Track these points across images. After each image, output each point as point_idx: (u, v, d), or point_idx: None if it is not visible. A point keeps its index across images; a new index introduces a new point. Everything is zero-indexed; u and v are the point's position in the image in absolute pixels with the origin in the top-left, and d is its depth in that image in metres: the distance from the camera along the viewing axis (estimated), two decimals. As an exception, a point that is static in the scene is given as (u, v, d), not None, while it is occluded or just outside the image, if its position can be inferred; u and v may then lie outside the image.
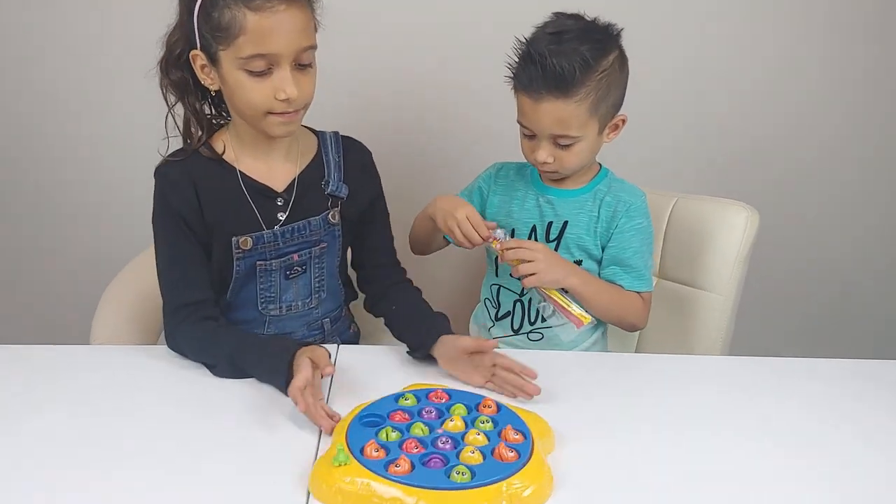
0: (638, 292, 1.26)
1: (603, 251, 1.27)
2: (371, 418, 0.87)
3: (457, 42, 1.71)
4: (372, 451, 0.79)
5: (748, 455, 0.89)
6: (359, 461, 0.78)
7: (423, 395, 0.93)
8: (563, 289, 1.19)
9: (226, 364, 1.04)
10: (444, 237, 1.33)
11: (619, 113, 1.22)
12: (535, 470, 0.79)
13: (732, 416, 1.00)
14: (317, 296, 1.23)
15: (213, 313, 1.12)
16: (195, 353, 1.08)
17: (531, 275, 1.15)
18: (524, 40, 1.17)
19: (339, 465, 0.76)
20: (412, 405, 0.91)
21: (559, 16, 1.18)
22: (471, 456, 0.79)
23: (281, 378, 0.96)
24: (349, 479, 0.76)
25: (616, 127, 1.23)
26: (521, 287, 1.30)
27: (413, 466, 0.77)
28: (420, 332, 1.11)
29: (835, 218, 1.93)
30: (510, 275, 1.21)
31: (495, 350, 1.05)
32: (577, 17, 1.18)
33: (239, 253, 1.14)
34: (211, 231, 1.13)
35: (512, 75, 1.19)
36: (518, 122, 1.21)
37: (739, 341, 1.37)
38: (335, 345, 1.18)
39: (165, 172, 1.12)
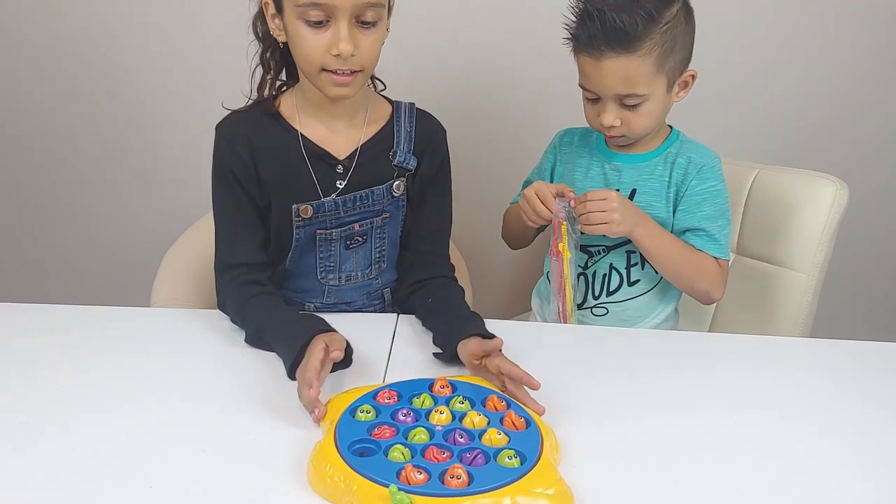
0: (714, 257, 1.18)
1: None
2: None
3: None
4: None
5: (818, 444, 0.83)
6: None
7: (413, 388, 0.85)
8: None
9: (254, 334, 1.02)
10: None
11: (689, 69, 1.15)
12: (544, 477, 0.70)
13: (808, 402, 0.93)
14: (377, 266, 1.20)
15: (259, 278, 1.11)
16: (234, 317, 1.08)
17: (602, 224, 1.11)
18: None
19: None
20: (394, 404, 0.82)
21: None
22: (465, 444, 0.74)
23: (289, 359, 0.93)
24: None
25: (686, 84, 1.16)
26: (584, 259, 1.25)
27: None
28: (448, 333, 1.01)
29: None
30: (580, 231, 1.16)
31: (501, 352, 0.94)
32: None
33: (299, 221, 1.11)
34: (267, 193, 1.11)
35: (570, 36, 1.13)
36: (580, 85, 1.16)
37: (822, 324, 1.29)
38: (394, 314, 1.16)
39: (223, 128, 1.11)
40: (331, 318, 1.01)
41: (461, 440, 0.75)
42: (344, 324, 1.06)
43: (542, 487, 0.68)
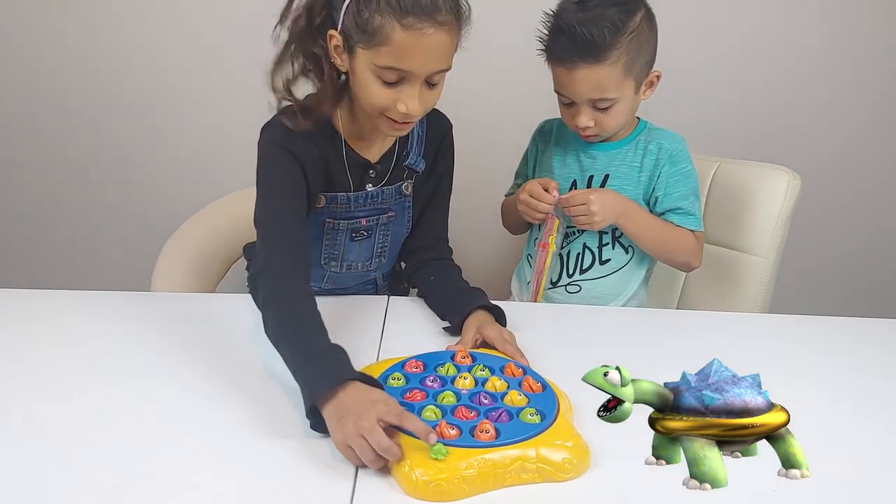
0: (690, 230, 1.28)
1: (649, 202, 1.30)
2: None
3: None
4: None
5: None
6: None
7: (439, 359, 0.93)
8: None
9: (282, 335, 0.93)
10: None
11: (653, 70, 1.24)
12: (563, 431, 0.78)
13: (772, 366, 1.00)
14: (377, 260, 1.25)
15: (308, 259, 1.07)
16: (268, 294, 0.98)
17: (586, 224, 1.22)
18: (551, 12, 1.20)
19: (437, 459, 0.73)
20: (420, 373, 0.90)
21: None
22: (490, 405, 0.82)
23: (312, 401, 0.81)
24: None
25: (651, 84, 1.25)
26: (561, 240, 1.33)
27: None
28: (456, 306, 1.10)
29: (879, 183, 1.94)
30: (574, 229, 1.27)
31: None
32: None
33: (311, 210, 1.14)
34: (313, 189, 1.12)
35: (544, 48, 1.22)
36: (555, 91, 1.24)
37: (778, 302, 1.39)
38: (385, 296, 1.23)
39: (294, 123, 1.07)
40: (325, 301, 1.01)
41: (486, 401, 0.83)
42: (338, 306, 1.12)
43: (561, 440, 0.76)
